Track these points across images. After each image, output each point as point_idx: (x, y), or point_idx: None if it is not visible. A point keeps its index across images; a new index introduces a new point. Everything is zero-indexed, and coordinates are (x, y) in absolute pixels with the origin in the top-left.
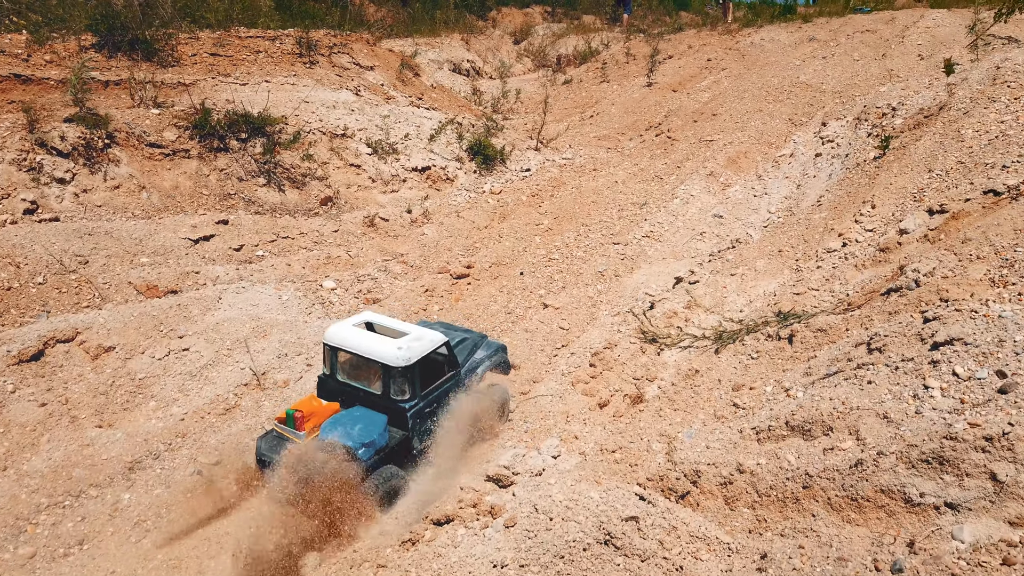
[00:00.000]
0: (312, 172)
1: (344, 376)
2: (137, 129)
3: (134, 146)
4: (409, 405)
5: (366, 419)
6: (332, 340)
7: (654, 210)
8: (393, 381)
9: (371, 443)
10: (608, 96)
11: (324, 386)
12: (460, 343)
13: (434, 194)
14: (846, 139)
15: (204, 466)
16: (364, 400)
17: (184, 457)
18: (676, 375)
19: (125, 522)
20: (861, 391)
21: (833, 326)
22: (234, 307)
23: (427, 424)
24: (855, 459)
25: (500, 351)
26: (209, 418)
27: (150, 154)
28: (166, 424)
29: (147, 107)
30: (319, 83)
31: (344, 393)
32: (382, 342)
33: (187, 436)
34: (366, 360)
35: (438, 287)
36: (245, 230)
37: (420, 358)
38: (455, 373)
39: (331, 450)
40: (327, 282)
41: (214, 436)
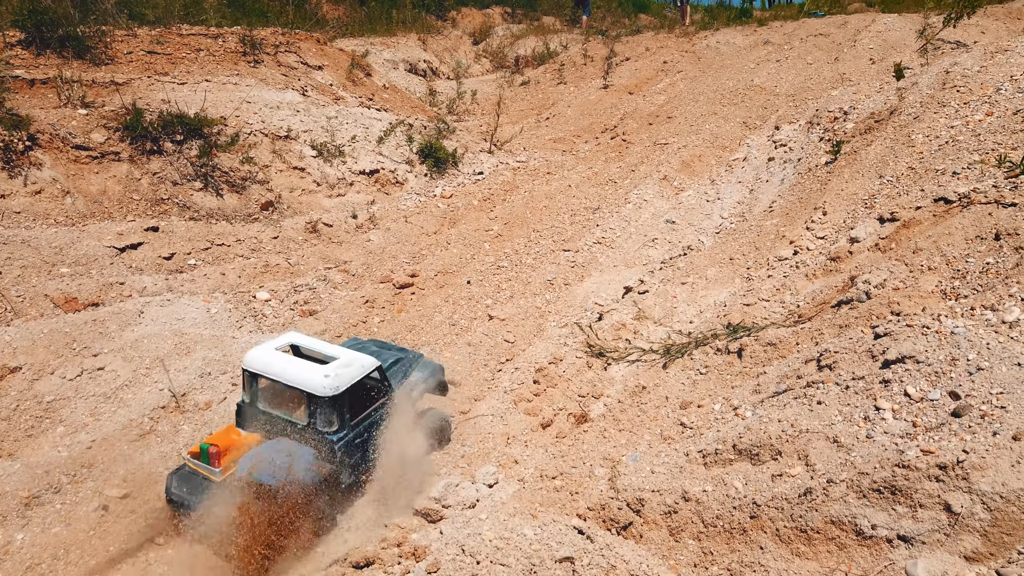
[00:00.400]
0: (253, 175)
1: (266, 404)
2: (62, 130)
3: (59, 148)
4: (337, 437)
5: (291, 451)
6: (252, 365)
7: (607, 215)
8: (320, 411)
9: (295, 481)
10: (565, 98)
11: (243, 414)
12: (394, 364)
13: (382, 198)
14: (799, 143)
15: (110, 500)
16: (288, 431)
17: (88, 490)
18: (623, 392)
19: (16, 566)
20: (811, 412)
21: (783, 340)
22: (157, 321)
23: (357, 456)
24: (804, 487)
25: (437, 372)
26: (120, 445)
27: (76, 157)
28: (71, 453)
29: (75, 107)
30: (263, 83)
31: (266, 423)
32: (308, 369)
33: (94, 466)
34: (290, 388)
35: (379, 298)
36: (177, 237)
37: (350, 386)
38: (388, 398)
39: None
40: (261, 293)
41: (124, 466)
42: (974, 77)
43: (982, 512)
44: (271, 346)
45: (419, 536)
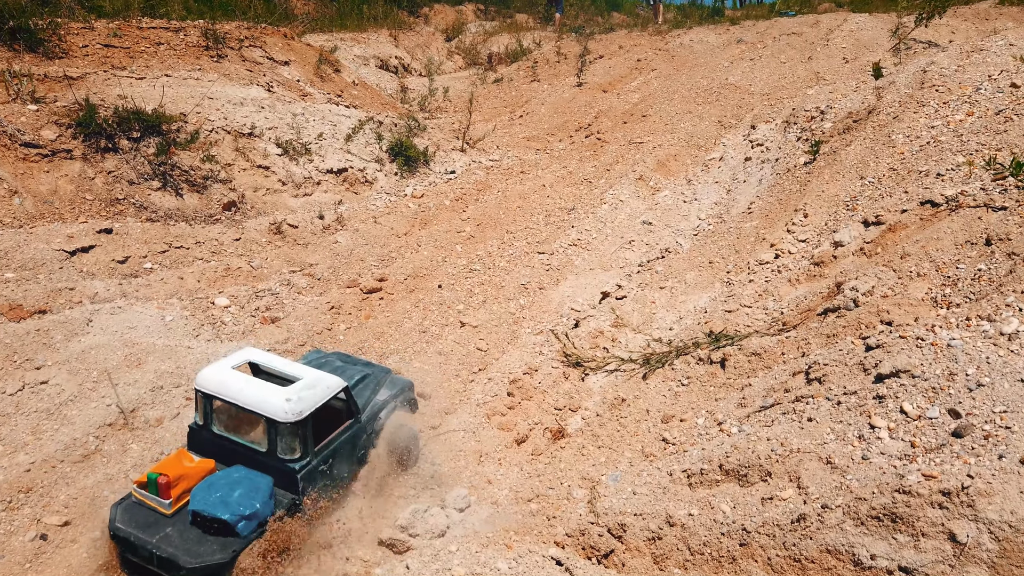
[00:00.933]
0: (214, 174)
1: (221, 428)
2: (10, 127)
3: (6, 146)
4: (299, 465)
5: (247, 482)
6: (205, 386)
7: (582, 216)
8: (280, 438)
9: (253, 515)
10: (538, 95)
11: (196, 438)
12: (360, 381)
13: (351, 198)
14: (775, 143)
15: (49, 528)
16: (245, 458)
17: (26, 517)
18: (601, 404)
19: None
20: (801, 429)
21: (768, 349)
22: (107, 331)
23: (320, 484)
24: (797, 512)
25: (407, 389)
26: (62, 467)
27: (25, 155)
28: (7, 476)
29: (24, 102)
30: (226, 78)
31: (220, 448)
32: (267, 391)
33: (32, 491)
34: (248, 412)
35: (346, 303)
36: (132, 240)
37: (313, 411)
38: (355, 420)
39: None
40: (220, 299)
41: (66, 489)
42: (952, 76)
43: (989, 542)
44: (227, 364)
45: (383, 572)
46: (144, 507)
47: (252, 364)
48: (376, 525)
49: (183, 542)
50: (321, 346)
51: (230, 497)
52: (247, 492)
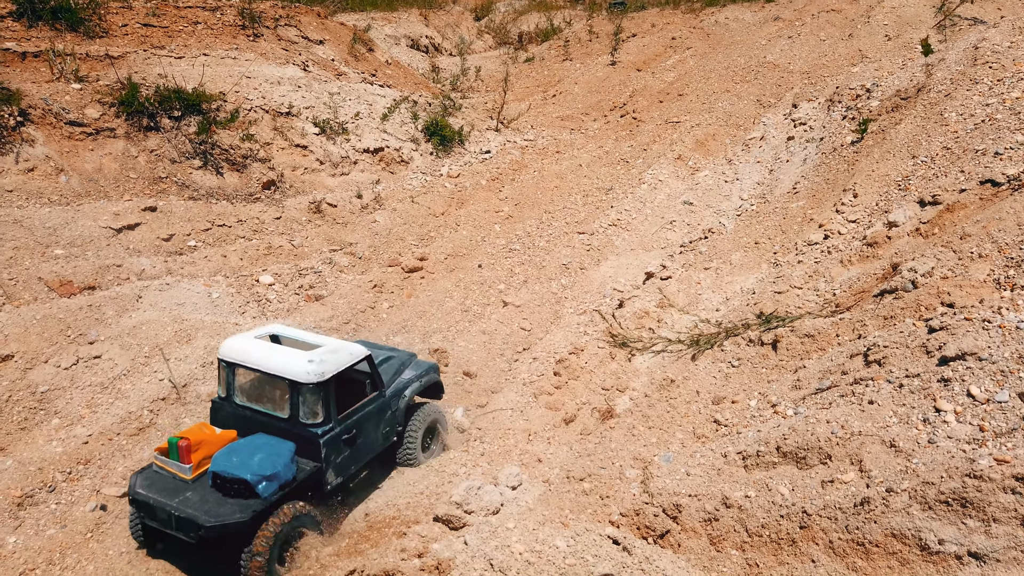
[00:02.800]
0: (253, 153)
1: (243, 399)
2: (55, 106)
3: (52, 124)
4: (322, 430)
5: (269, 447)
6: (229, 355)
7: (620, 196)
8: (303, 401)
9: (274, 476)
10: (571, 75)
11: (219, 413)
12: (385, 361)
13: (387, 177)
14: (819, 122)
15: (108, 499)
16: (268, 427)
17: (86, 489)
18: (649, 385)
19: (8, 572)
20: (862, 412)
21: (822, 331)
22: (156, 307)
23: (345, 454)
24: (860, 496)
25: (431, 371)
26: (119, 440)
27: (70, 133)
28: (67, 448)
29: (68, 82)
30: (263, 57)
31: (243, 420)
32: (290, 355)
33: (91, 462)
34: (270, 377)
35: (388, 282)
36: (176, 218)
37: (335, 374)
38: (379, 394)
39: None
40: (264, 277)
41: (123, 462)
42: (1005, 53)
43: None
44: (251, 335)
45: (441, 546)
46: (165, 474)
47: (274, 336)
48: (428, 499)
49: (203, 503)
50: (365, 324)
51: (251, 460)
52: (268, 455)
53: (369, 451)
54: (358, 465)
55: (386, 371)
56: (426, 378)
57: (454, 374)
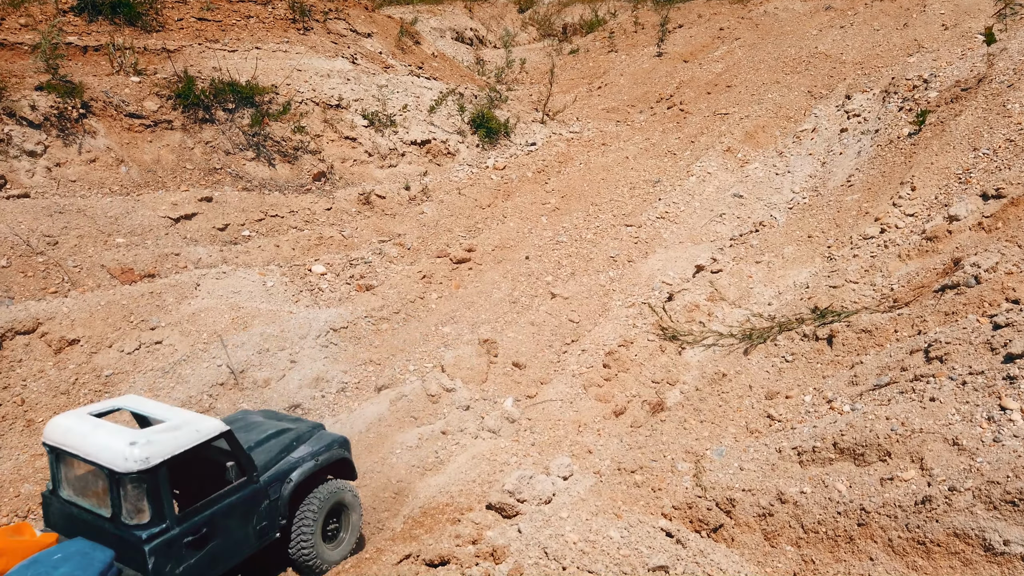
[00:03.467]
0: (304, 145)
1: (69, 491)
2: (116, 98)
3: (112, 116)
4: (148, 533)
5: (78, 558)
6: (51, 438)
7: (668, 188)
8: (124, 495)
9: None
10: (616, 66)
11: (48, 509)
12: (271, 437)
13: (434, 169)
14: (874, 113)
15: None
16: (90, 528)
17: None
18: (700, 379)
19: None
20: (923, 409)
21: (879, 326)
22: (213, 294)
23: (190, 562)
24: (922, 494)
25: (335, 445)
26: None
27: (129, 125)
28: None
29: (127, 75)
30: (313, 50)
31: (68, 518)
32: (111, 436)
33: None
34: (89, 465)
35: (437, 273)
36: (231, 208)
37: (169, 458)
38: (247, 480)
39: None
40: (317, 266)
41: None
42: None
43: None
44: (86, 411)
45: (495, 534)
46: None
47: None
48: (481, 487)
49: None
50: (415, 314)
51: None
52: (71, 569)
53: (234, 554)
54: (217, 573)
55: (268, 450)
56: (325, 455)
57: (504, 365)
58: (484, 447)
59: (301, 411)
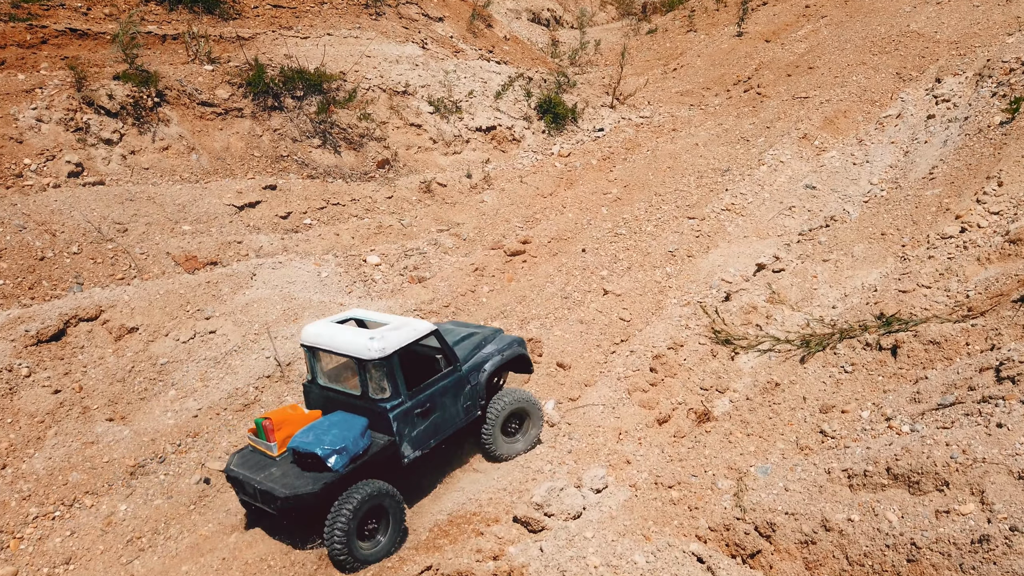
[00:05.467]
0: (370, 132)
1: (325, 380)
2: (189, 87)
3: (185, 105)
4: (391, 404)
5: (342, 423)
6: (308, 340)
7: (737, 178)
8: (370, 377)
9: (343, 449)
10: (694, 47)
11: (309, 395)
12: (465, 338)
13: (498, 156)
14: (965, 99)
15: (212, 473)
16: (346, 405)
17: (192, 461)
18: (752, 387)
19: (117, 539)
20: (988, 436)
21: (949, 338)
22: (268, 284)
23: (420, 428)
24: (980, 531)
25: (514, 344)
26: (225, 415)
27: (201, 113)
28: (178, 420)
29: (201, 63)
30: (384, 36)
31: (327, 400)
32: (356, 335)
33: (199, 435)
34: (343, 358)
35: (490, 265)
36: (293, 196)
37: (398, 349)
38: (453, 368)
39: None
40: (371, 257)
41: (228, 437)
42: None
43: None
44: (328, 320)
45: (517, 550)
46: (257, 453)
47: (359, 321)
48: (509, 496)
49: (282, 477)
50: (464, 308)
51: (324, 436)
52: (340, 431)
53: (449, 426)
54: (439, 439)
55: (464, 347)
56: (508, 351)
57: (547, 365)
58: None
59: None
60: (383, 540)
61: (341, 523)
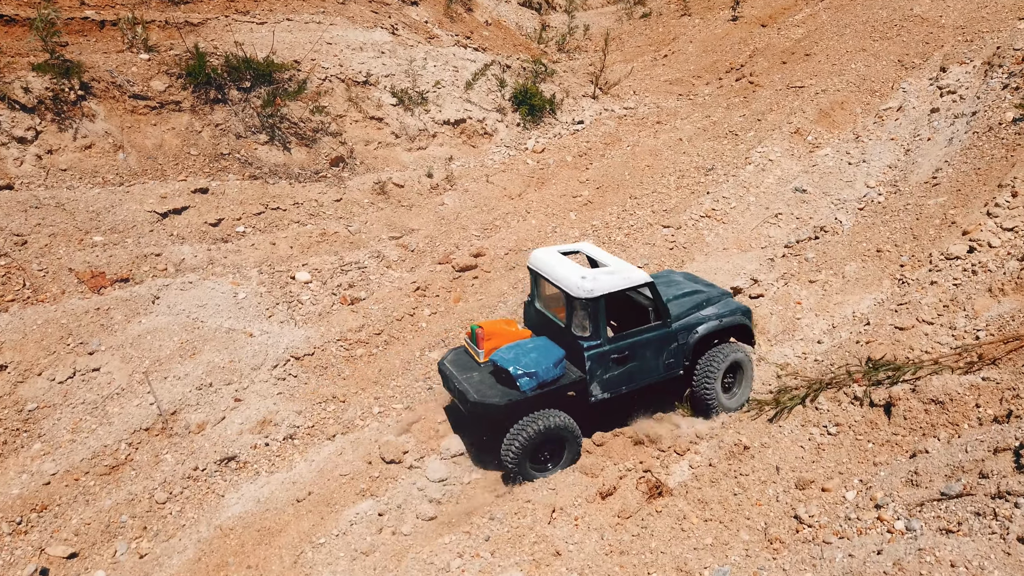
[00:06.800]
0: (324, 127)
1: (541, 304)
2: (120, 78)
3: (114, 98)
4: (589, 344)
5: (542, 349)
6: (533, 264)
7: (721, 179)
8: (575, 314)
9: (534, 374)
10: (687, 32)
11: (526, 313)
12: (687, 295)
13: (468, 151)
14: (973, 91)
15: (53, 561)
16: (552, 332)
17: (31, 546)
18: (717, 449)
19: None
20: (1006, 556)
21: (955, 397)
22: (172, 310)
23: (614, 372)
24: None
25: (738, 313)
26: (86, 480)
27: (133, 107)
28: (25, 489)
29: (137, 52)
30: (350, 21)
31: (538, 322)
32: (572, 270)
33: (47, 509)
34: (557, 288)
35: (435, 283)
36: (228, 200)
37: (607, 293)
38: (662, 323)
39: None
40: (301, 273)
41: (83, 511)
42: None
43: None
44: (556, 249)
45: None
46: (467, 355)
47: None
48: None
49: (479, 384)
50: (399, 336)
51: (522, 357)
52: (538, 356)
53: (645, 377)
54: (632, 387)
55: (683, 303)
56: (728, 319)
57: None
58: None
59: (236, 464)
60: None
61: (517, 445)
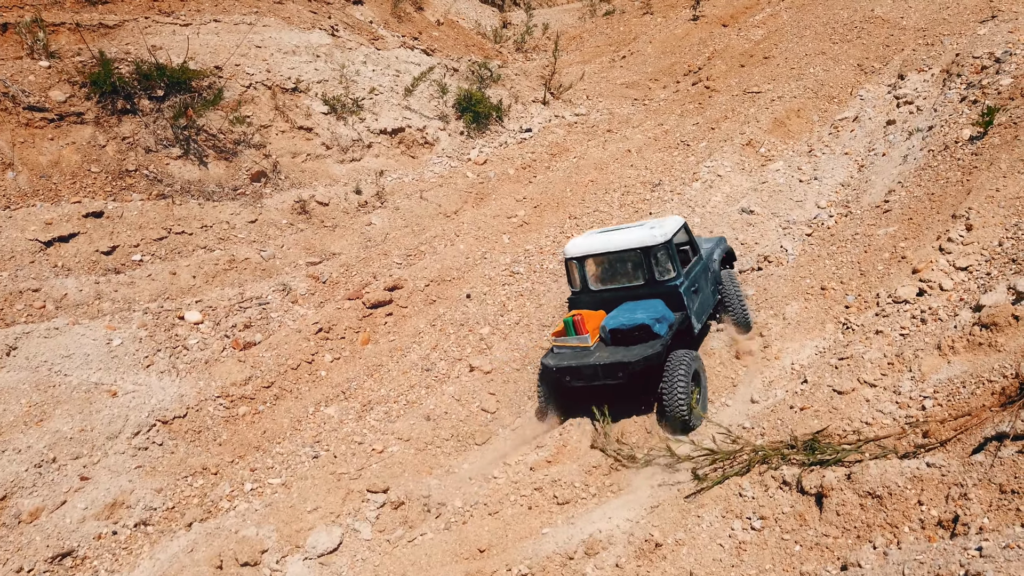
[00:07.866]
0: (247, 138)
1: (598, 284)
2: (14, 87)
3: (6, 110)
4: (678, 282)
5: (644, 304)
6: (576, 251)
7: (667, 196)
8: (656, 262)
9: (662, 318)
10: (648, 31)
11: (576, 304)
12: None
13: (406, 163)
14: (930, 102)
15: None
16: (627, 297)
17: None
18: (627, 546)
19: None
20: None
21: (895, 491)
22: (30, 363)
23: (696, 303)
24: None
25: (722, 242)
26: None
27: (28, 120)
28: None
29: (37, 58)
30: (286, 22)
31: (601, 301)
32: (631, 233)
33: None
34: (618, 256)
35: (341, 323)
36: (125, 224)
37: (671, 236)
38: (699, 256)
39: None
40: (191, 313)
41: None
42: None
43: None
44: (583, 235)
45: None
46: (567, 349)
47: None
48: None
49: (615, 353)
50: (294, 389)
51: (637, 312)
52: (647, 308)
53: (709, 304)
54: (706, 316)
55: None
56: (720, 248)
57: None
58: None
59: (72, 560)
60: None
61: (681, 388)
